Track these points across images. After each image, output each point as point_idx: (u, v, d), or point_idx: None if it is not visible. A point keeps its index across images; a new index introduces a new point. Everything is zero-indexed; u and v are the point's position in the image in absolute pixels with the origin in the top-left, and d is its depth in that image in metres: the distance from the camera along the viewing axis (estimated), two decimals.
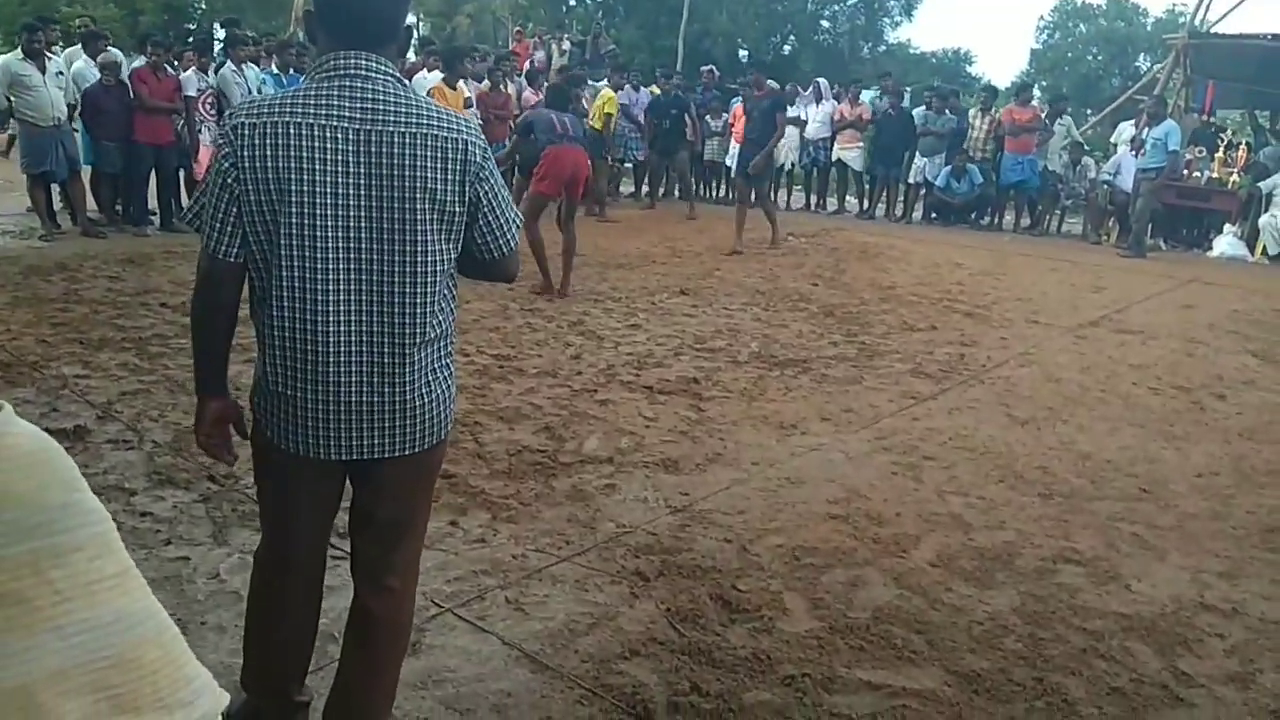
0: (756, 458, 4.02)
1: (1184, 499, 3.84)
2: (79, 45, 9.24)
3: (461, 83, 9.40)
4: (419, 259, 1.74)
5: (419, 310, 1.77)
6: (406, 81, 1.79)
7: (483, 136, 1.85)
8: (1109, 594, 3.04)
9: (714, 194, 13.96)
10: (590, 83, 13.25)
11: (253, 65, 9.35)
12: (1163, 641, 2.77)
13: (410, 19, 1.84)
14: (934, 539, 3.34)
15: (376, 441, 1.82)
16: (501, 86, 11.40)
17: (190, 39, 10.60)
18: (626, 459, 3.91)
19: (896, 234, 11.43)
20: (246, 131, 1.67)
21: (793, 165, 13.54)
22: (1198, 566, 3.26)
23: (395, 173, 1.70)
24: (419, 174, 1.71)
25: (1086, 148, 12.28)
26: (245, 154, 1.66)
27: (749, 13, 31.77)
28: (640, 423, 4.35)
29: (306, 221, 1.68)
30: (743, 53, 33.05)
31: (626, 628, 2.68)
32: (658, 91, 12.91)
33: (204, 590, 2.72)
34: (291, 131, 1.66)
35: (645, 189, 13.41)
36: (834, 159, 13.09)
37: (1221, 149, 12.12)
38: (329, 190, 1.68)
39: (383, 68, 1.72)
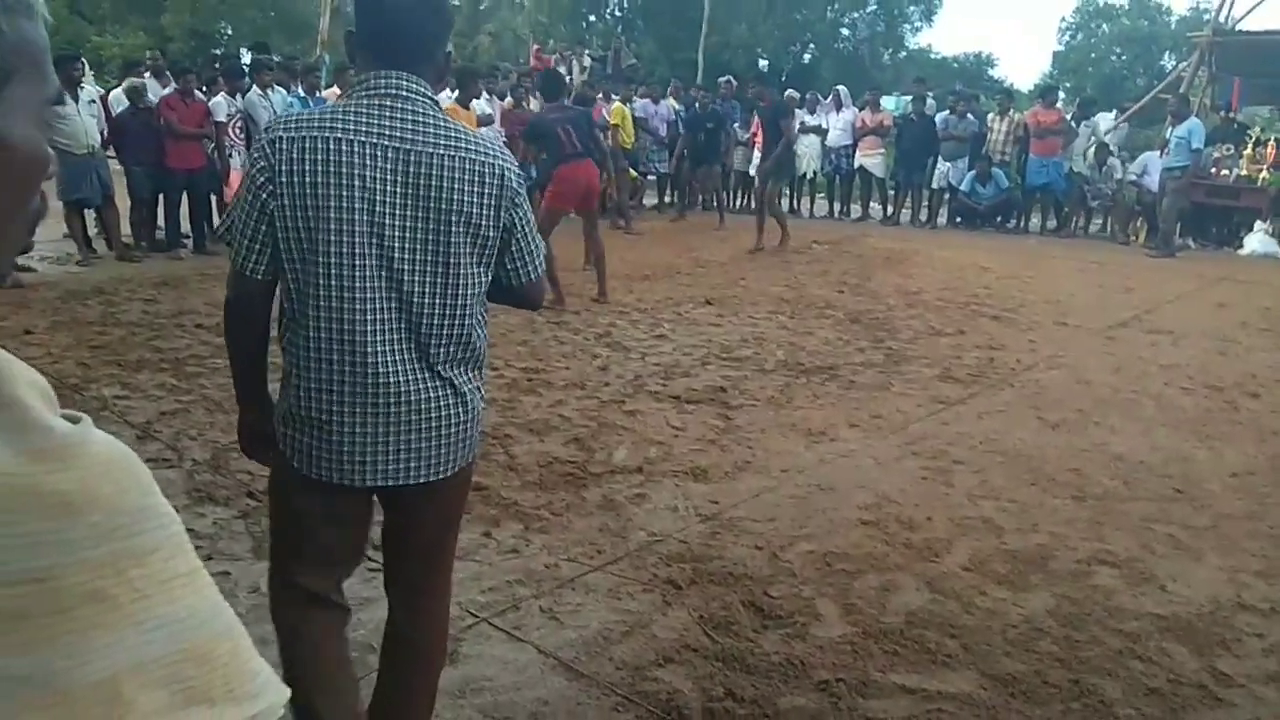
0: (785, 465, 4.03)
1: (1219, 499, 3.81)
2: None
3: (475, 101, 9.51)
4: (456, 281, 1.71)
5: (456, 332, 1.74)
6: (439, 103, 1.77)
7: (516, 163, 1.82)
8: (1144, 595, 3.02)
9: (740, 203, 13.98)
10: (614, 96, 13.36)
11: (280, 89, 9.51)
12: (1200, 642, 2.75)
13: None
14: (966, 543, 3.34)
15: (414, 466, 1.77)
16: (524, 104, 11.52)
17: (218, 65, 10.79)
18: (656, 468, 3.93)
19: (921, 239, 11.39)
20: (284, 145, 1.63)
21: (815, 174, 13.56)
22: (1235, 566, 3.23)
23: (433, 194, 1.67)
24: (456, 197, 1.68)
25: (1112, 148, 12.17)
26: (283, 167, 1.62)
27: (768, 23, 31.82)
28: (669, 432, 4.37)
29: (345, 239, 1.64)
30: (763, 63, 33.09)
31: (660, 635, 2.70)
32: (675, 104, 12.96)
33: (245, 604, 2.77)
34: (331, 146, 1.63)
35: (669, 200, 13.45)
36: (856, 166, 13.09)
37: (1250, 146, 11.98)
38: (367, 207, 1.64)
39: (421, 89, 1.70)
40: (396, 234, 1.66)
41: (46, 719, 0.50)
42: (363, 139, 1.64)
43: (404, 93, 1.68)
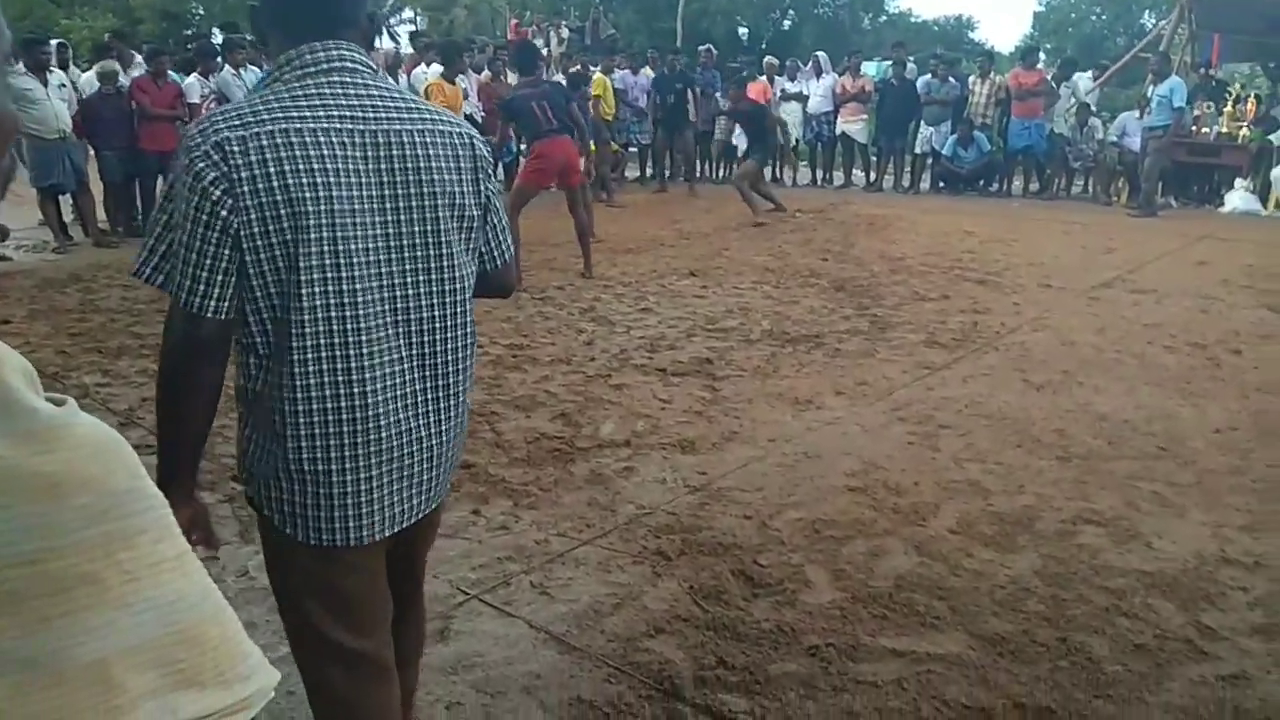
0: (772, 434, 4.03)
1: (1203, 455, 3.84)
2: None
3: (460, 77, 9.40)
4: (452, 275, 1.51)
5: (459, 340, 1.54)
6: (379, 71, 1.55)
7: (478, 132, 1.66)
8: (1130, 552, 3.05)
9: (720, 174, 13.92)
10: (593, 67, 13.24)
11: (254, 67, 9.37)
12: (1185, 597, 2.78)
13: (408, 13, 1.67)
14: (953, 506, 3.36)
15: (428, 498, 1.59)
16: (502, 77, 11.40)
17: (189, 46, 10.63)
18: (643, 441, 3.93)
19: (905, 205, 11.38)
20: (236, 146, 1.33)
21: (797, 141, 13.50)
22: (1219, 521, 3.27)
23: (414, 179, 1.45)
24: (438, 178, 1.47)
25: (1093, 108, 12.15)
26: (243, 174, 1.33)
27: None
28: (655, 405, 4.37)
29: (329, 247, 1.38)
30: (742, 30, 32.84)
31: (651, 606, 2.71)
32: (650, 72, 12.85)
33: (234, 588, 2.77)
34: (292, 139, 1.35)
35: (651, 172, 13.38)
36: (838, 133, 13.03)
37: (1230, 103, 11.99)
38: (348, 204, 1.39)
39: (364, 59, 1.46)
40: (384, 231, 1.43)
41: (38, 700, 0.51)
42: (322, 125, 1.38)
43: (348, 64, 1.43)
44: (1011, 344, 5.44)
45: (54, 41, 9.12)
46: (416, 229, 1.46)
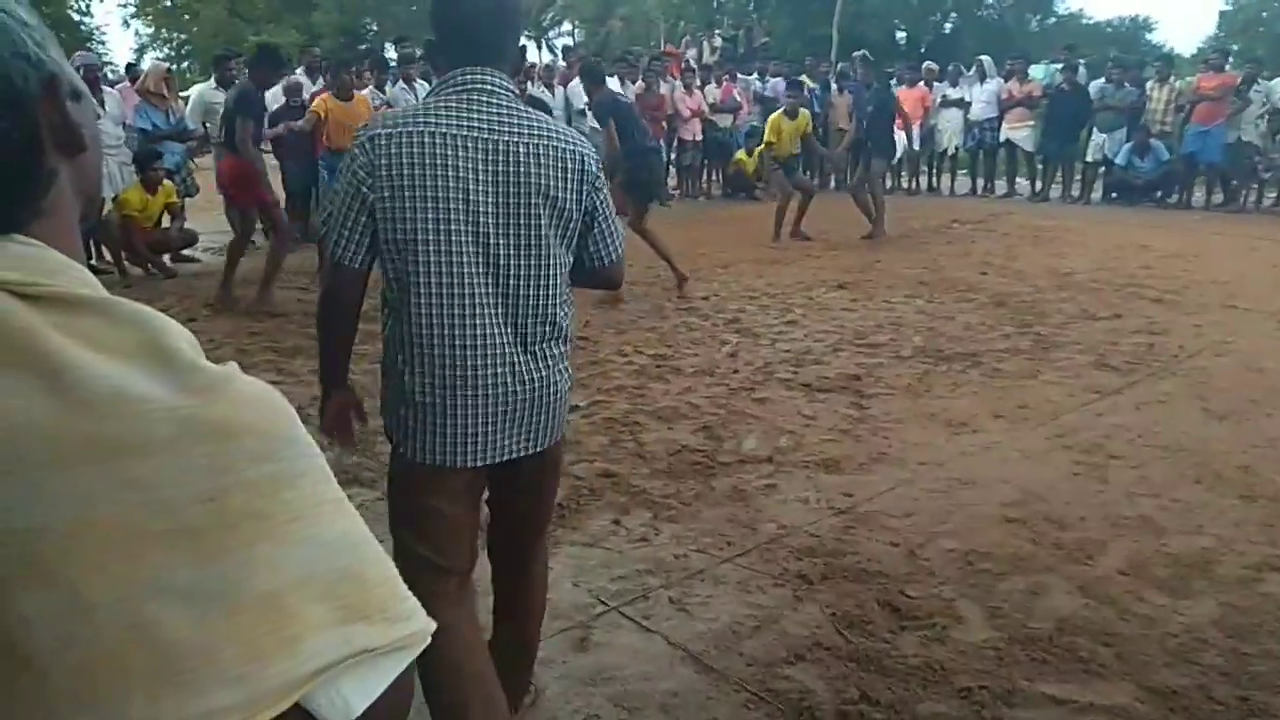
0: (924, 457, 3.88)
1: None
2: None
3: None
4: (545, 261, 1.80)
5: (549, 309, 1.83)
6: (520, 96, 1.86)
7: (595, 152, 1.91)
8: None
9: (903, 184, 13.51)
10: (740, 76, 13.19)
11: (423, 82, 9.82)
12: None
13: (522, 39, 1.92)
14: (1123, 544, 3.13)
15: (518, 441, 1.86)
16: (654, 87, 11.54)
17: (364, 60, 11.23)
18: (786, 458, 3.86)
19: (1074, 216, 10.79)
20: (382, 141, 1.71)
21: (957, 149, 13.02)
22: None
23: (520, 179, 1.75)
24: (541, 181, 1.77)
25: None
26: (381, 161, 1.70)
27: None
28: (799, 421, 4.29)
29: (441, 226, 1.71)
30: (900, 34, 32.02)
31: (791, 631, 2.65)
32: (810, 83, 12.59)
33: None
34: (425, 139, 1.71)
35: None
36: (1003, 139, 12.49)
37: None
38: (461, 194, 1.72)
39: (502, 82, 1.78)
40: (489, 218, 1.74)
41: (220, 629, 0.55)
42: (453, 131, 1.72)
43: (487, 86, 1.76)
44: (1191, 369, 5.05)
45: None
46: (517, 218, 1.76)
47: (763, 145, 9.82)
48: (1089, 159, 12.13)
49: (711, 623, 2.70)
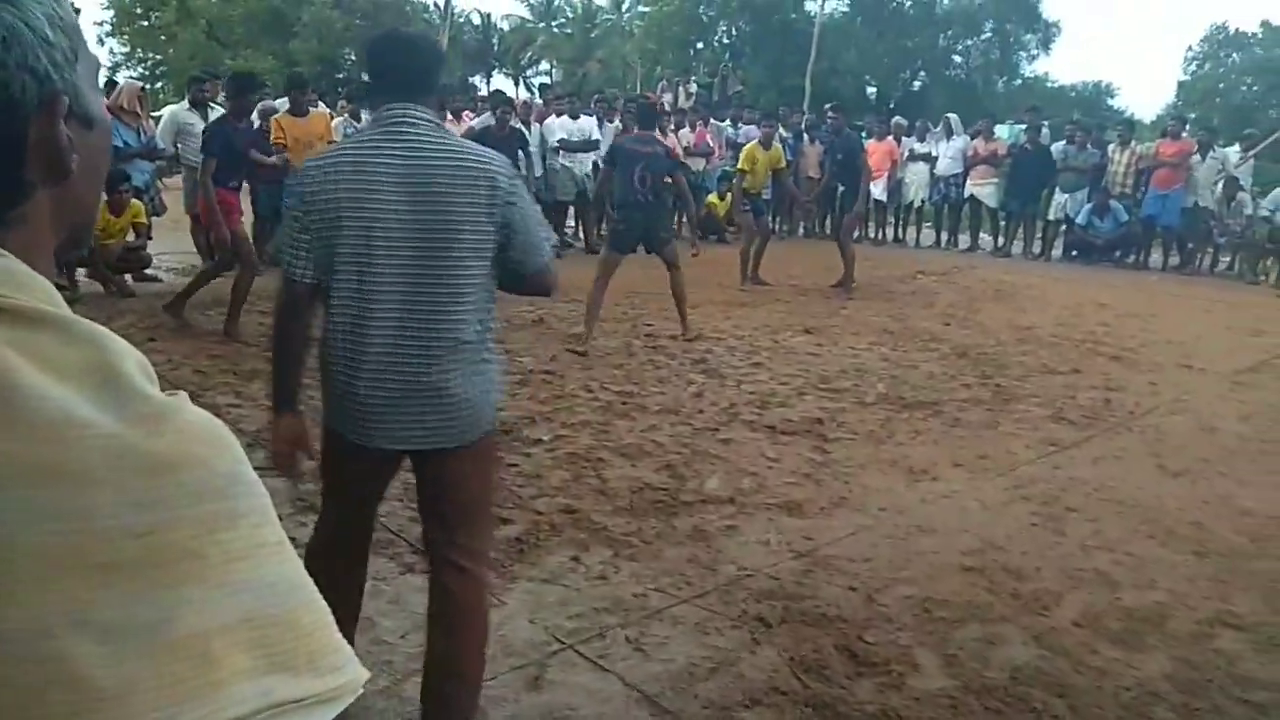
0: (884, 503, 3.89)
1: None
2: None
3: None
4: (454, 272, 2.00)
5: (453, 317, 2.02)
6: (442, 124, 2.11)
7: (512, 169, 2.11)
8: (1275, 663, 2.79)
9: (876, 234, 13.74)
10: (713, 121, 13.38)
11: None
12: None
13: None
14: (1078, 597, 3.15)
15: (416, 434, 2.06)
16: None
17: (341, 89, 11.25)
18: (748, 500, 3.85)
19: (1034, 272, 11.00)
20: (314, 174, 2.01)
21: (923, 202, 13.27)
22: None
23: (433, 199, 1.98)
24: (453, 200, 1.98)
25: (1241, 182, 11.52)
26: (313, 189, 1.99)
27: (878, 49, 31.45)
28: (763, 463, 4.29)
29: (360, 242, 1.97)
30: (871, 90, 32.71)
31: (748, 675, 2.62)
32: (784, 131, 12.77)
33: None
34: (350, 169, 1.99)
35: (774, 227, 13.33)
36: (967, 195, 12.75)
37: None
38: (378, 214, 1.96)
39: (423, 114, 2.03)
40: (404, 234, 1.98)
41: (137, 669, 0.52)
42: (375, 161, 1.99)
43: (408, 119, 2.02)
44: (1147, 426, 5.14)
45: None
46: (429, 235, 1.98)
47: (735, 174, 9.76)
48: (1050, 217, 12.41)
49: (668, 664, 2.66)
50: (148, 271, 8.29)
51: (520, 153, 9.82)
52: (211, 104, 8.71)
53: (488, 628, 2.26)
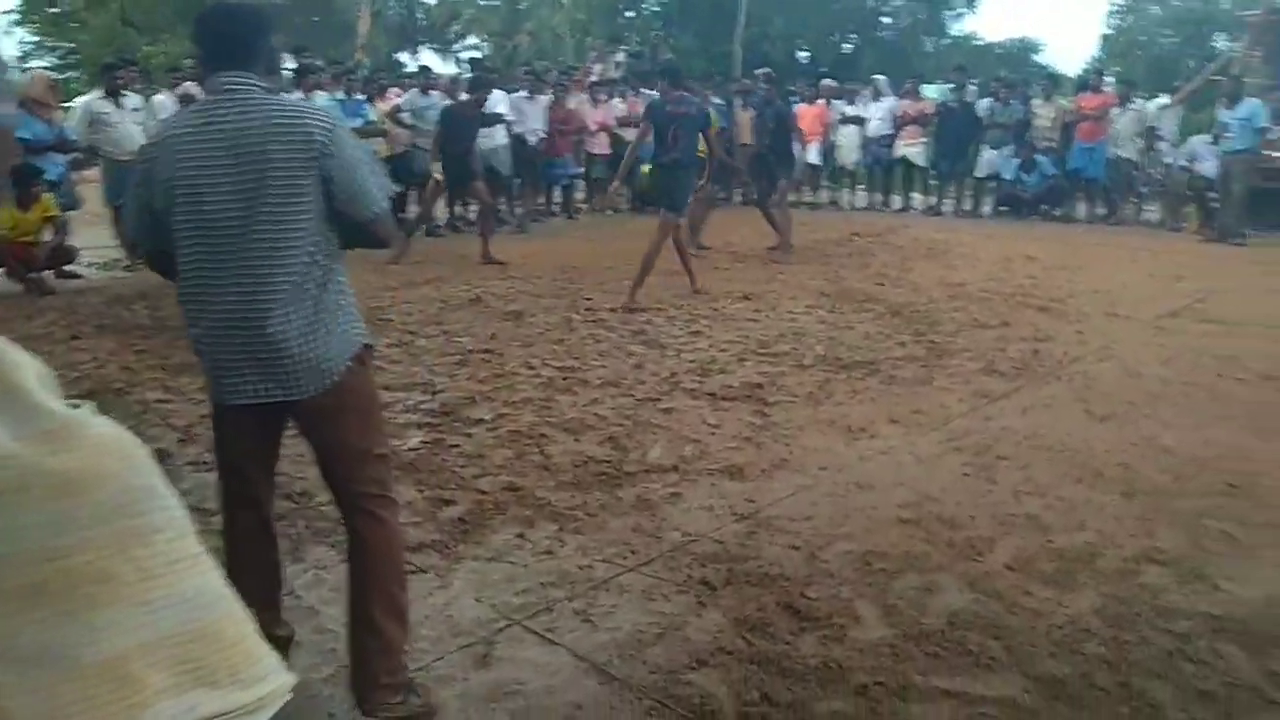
0: (824, 462, 3.96)
1: (1276, 494, 3.67)
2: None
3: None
4: (279, 227, 2.07)
5: (284, 270, 2.08)
6: (269, 88, 2.17)
7: (331, 122, 2.15)
8: (1196, 594, 2.91)
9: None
10: (646, 91, 13.31)
11: (321, 92, 9.61)
12: (1255, 642, 2.64)
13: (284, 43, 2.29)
14: (1010, 541, 3.25)
15: (266, 387, 2.14)
16: (564, 102, 11.58)
17: None
18: (691, 467, 3.89)
19: (965, 229, 11.20)
20: (150, 151, 2.18)
21: (855, 165, 13.40)
22: None
23: (254, 160, 2.05)
24: (270, 157, 2.05)
25: (1161, 133, 11.84)
26: (145, 167, 2.15)
27: (807, 13, 31.47)
28: (704, 430, 4.33)
29: (190, 208, 2.07)
30: (802, 54, 32.78)
31: (694, 638, 2.66)
32: (716, 99, 12.76)
33: (285, 604, 2.78)
34: (177, 142, 2.10)
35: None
36: (898, 156, 12.90)
37: None
38: (205, 180, 2.06)
39: (247, 81, 2.12)
40: (228, 198, 2.06)
41: (55, 695, 0.51)
42: (200, 130, 2.09)
43: (233, 86, 2.11)
44: (1074, 374, 5.29)
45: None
46: (252, 195, 2.06)
47: None
48: (979, 175, 12.63)
49: (615, 632, 2.69)
50: (69, 267, 8.04)
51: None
52: (125, 91, 8.42)
53: (399, 570, 2.36)
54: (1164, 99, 12.52)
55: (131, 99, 8.52)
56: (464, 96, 9.64)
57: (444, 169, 8.66)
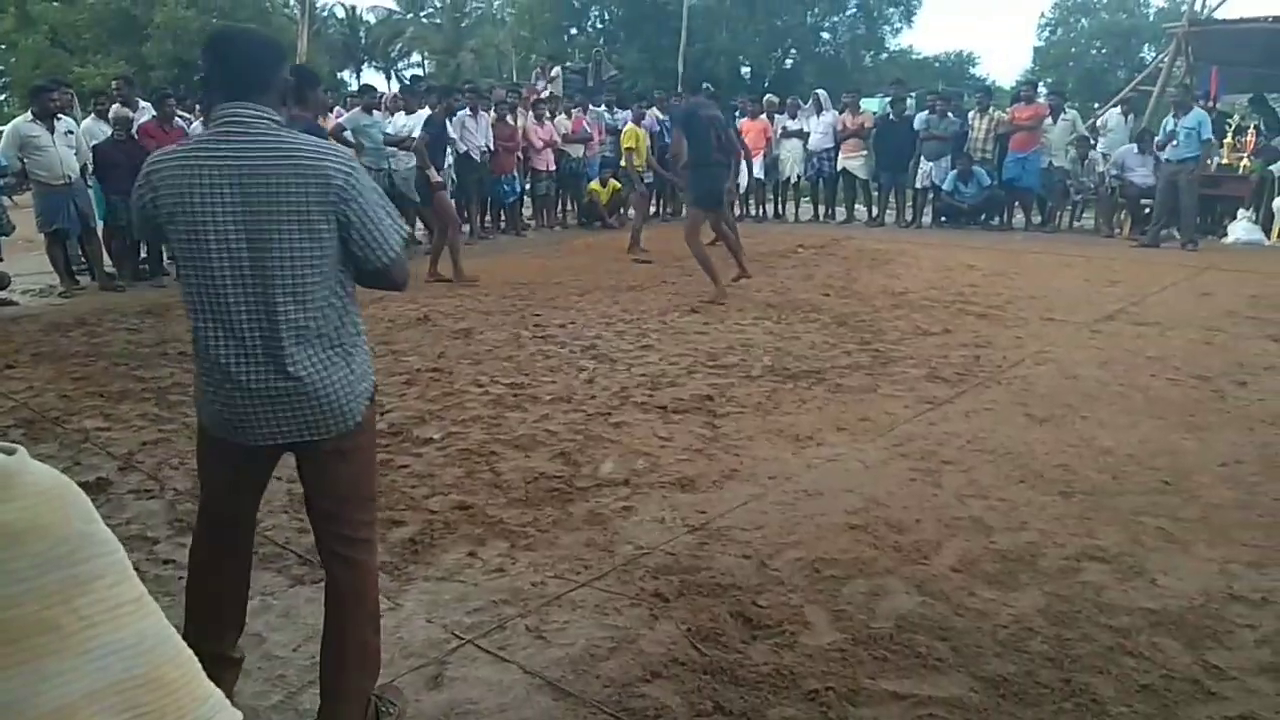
0: (773, 471, 4.00)
1: (1208, 489, 3.80)
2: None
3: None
4: (292, 269, 2.00)
5: (300, 313, 2.02)
6: (280, 121, 2.08)
7: (350, 165, 2.07)
8: (1135, 590, 3.00)
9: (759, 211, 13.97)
10: (591, 108, 13.37)
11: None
12: (1192, 635, 2.73)
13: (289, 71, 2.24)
14: (955, 544, 3.32)
15: (272, 430, 2.09)
16: (509, 119, 11.58)
17: (199, 91, 10.77)
18: (642, 480, 3.91)
19: (906, 240, 11.41)
20: (154, 177, 2.03)
21: (798, 178, 13.59)
22: (1225, 557, 3.22)
23: (266, 198, 1.97)
24: (285, 198, 1.98)
25: (1092, 141, 12.21)
26: (148, 192, 2.03)
27: (749, 30, 31.91)
28: (655, 443, 4.35)
29: (197, 245, 1.99)
30: (745, 69, 33.20)
31: (647, 650, 2.67)
32: (659, 114, 12.89)
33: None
34: (178, 172, 1.99)
35: (657, 211, 13.42)
36: (839, 169, 13.11)
37: (1230, 134, 12.03)
38: (210, 216, 1.97)
39: (258, 112, 2.02)
40: (237, 237, 1.98)
41: None
42: (205, 163, 1.99)
43: (242, 118, 2.01)
44: (1014, 378, 5.41)
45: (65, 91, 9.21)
46: (264, 234, 1.98)
47: (624, 153, 10.21)
48: (918, 186, 12.88)
49: (568, 648, 2.69)
50: (1, 294, 7.82)
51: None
52: (58, 115, 8.23)
53: (374, 614, 2.31)
54: (1116, 112, 12.99)
55: (64, 122, 8.32)
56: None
57: (418, 183, 8.72)
